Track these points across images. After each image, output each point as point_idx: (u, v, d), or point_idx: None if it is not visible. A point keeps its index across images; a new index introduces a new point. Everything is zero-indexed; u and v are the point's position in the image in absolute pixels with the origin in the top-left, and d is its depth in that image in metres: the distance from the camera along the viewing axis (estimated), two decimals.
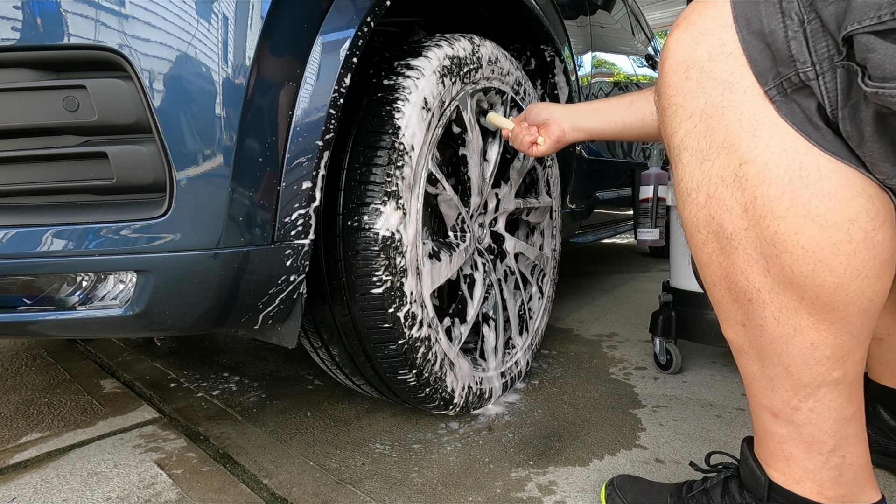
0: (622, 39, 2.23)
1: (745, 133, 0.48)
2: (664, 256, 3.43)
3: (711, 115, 0.50)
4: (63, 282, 0.64)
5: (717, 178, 0.51)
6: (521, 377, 1.21)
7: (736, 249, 0.52)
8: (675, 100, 0.53)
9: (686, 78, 0.51)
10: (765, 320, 0.53)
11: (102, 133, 0.61)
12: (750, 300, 0.53)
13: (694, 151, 0.52)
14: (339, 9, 0.71)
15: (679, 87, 0.52)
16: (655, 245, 1.35)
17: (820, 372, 0.52)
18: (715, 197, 0.51)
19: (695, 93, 0.51)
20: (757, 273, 0.51)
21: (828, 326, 0.50)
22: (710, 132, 0.50)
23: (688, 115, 0.52)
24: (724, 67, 0.48)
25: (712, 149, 0.50)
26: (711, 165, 0.51)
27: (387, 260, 0.79)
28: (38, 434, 1.00)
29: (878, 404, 0.83)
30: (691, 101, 0.51)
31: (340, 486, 0.82)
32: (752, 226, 0.50)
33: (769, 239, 0.49)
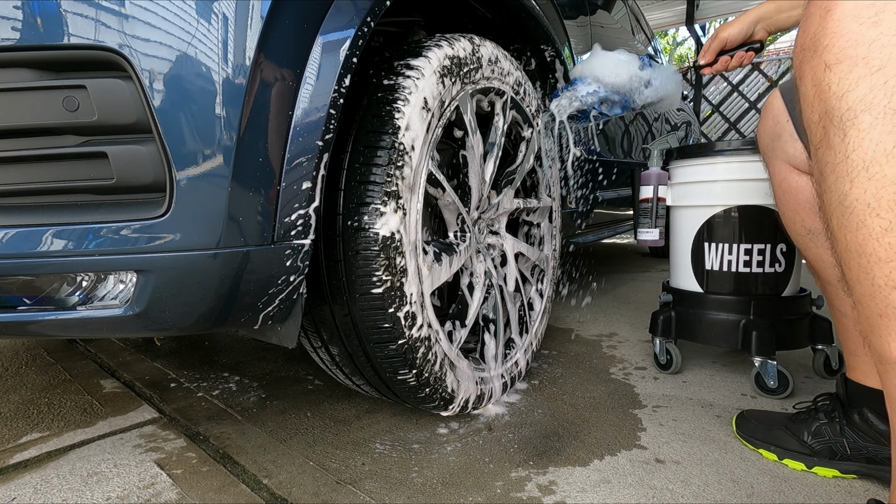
0: (622, 39, 2.23)
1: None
2: (664, 256, 3.43)
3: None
4: (63, 282, 0.64)
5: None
6: (521, 377, 1.21)
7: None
8: (853, 52, 0.44)
9: (875, 24, 0.43)
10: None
11: (102, 133, 0.61)
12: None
13: (882, 112, 0.43)
14: (339, 9, 0.71)
15: (862, 36, 0.44)
16: (655, 245, 1.35)
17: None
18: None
19: (889, 40, 0.42)
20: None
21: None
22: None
23: (875, 69, 0.43)
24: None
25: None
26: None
27: (387, 260, 0.79)
28: (38, 434, 1.00)
29: (865, 408, 0.82)
30: (881, 50, 0.43)
31: (340, 486, 0.82)
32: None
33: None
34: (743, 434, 0.94)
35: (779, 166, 0.90)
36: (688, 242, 1.28)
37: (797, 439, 0.87)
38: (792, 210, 0.89)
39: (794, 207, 0.88)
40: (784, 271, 1.19)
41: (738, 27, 1.08)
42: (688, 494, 0.79)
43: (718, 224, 1.22)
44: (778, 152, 0.90)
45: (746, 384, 1.22)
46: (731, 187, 1.19)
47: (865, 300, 0.47)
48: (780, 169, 0.90)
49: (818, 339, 1.22)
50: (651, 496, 0.78)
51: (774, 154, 0.91)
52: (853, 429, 0.83)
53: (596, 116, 1.20)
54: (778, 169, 0.90)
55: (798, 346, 1.21)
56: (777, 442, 0.89)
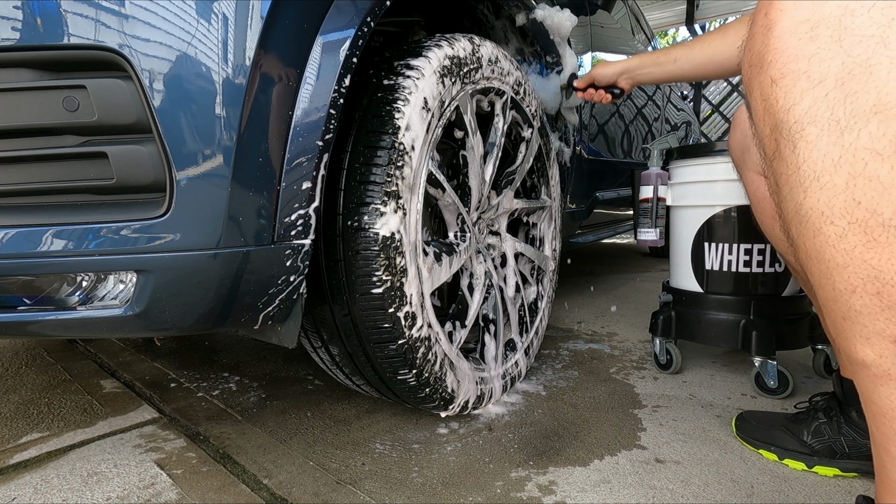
0: (622, 39, 2.23)
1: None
2: (664, 256, 3.43)
3: (854, 77, 0.42)
4: (63, 282, 0.64)
5: (866, 152, 0.42)
6: (521, 377, 1.21)
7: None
8: (795, 66, 0.45)
9: (812, 38, 0.44)
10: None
11: (102, 133, 0.61)
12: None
13: (826, 124, 0.43)
14: (339, 9, 0.71)
15: (801, 51, 0.44)
16: (655, 245, 1.35)
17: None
18: (863, 175, 0.42)
19: (826, 54, 0.43)
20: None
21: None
22: (851, 98, 0.42)
23: (816, 82, 0.44)
24: (867, 22, 0.41)
25: (857, 117, 0.42)
26: (856, 137, 0.42)
27: (387, 260, 0.79)
28: (38, 434, 1.00)
29: (861, 405, 0.82)
30: (819, 64, 0.43)
31: (340, 486, 0.82)
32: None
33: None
34: (743, 435, 0.94)
35: (751, 177, 0.93)
36: (688, 242, 1.28)
37: (797, 439, 0.87)
38: (769, 217, 0.91)
39: (770, 214, 0.91)
40: (784, 271, 1.19)
41: (608, 73, 1.27)
42: (688, 494, 0.79)
43: (718, 224, 1.22)
44: (749, 163, 0.92)
45: (746, 384, 1.22)
46: (731, 187, 1.19)
47: (829, 304, 0.48)
48: (753, 179, 0.92)
49: (818, 339, 1.22)
50: (651, 496, 0.78)
51: (746, 165, 0.94)
52: (852, 427, 0.83)
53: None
54: (751, 179, 0.93)
55: (798, 346, 1.21)
56: (777, 442, 0.89)
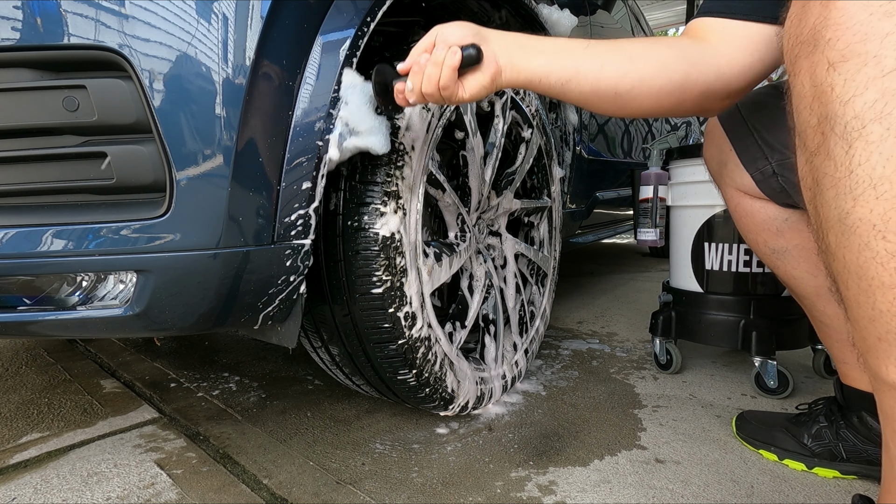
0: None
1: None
2: (664, 256, 3.43)
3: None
4: (63, 282, 0.64)
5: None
6: (521, 377, 1.21)
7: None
8: (862, 48, 0.37)
9: (889, 14, 0.36)
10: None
11: (102, 133, 0.60)
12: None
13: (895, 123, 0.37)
14: (339, 9, 0.71)
15: (873, 30, 0.37)
16: (655, 245, 1.35)
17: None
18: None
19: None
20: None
21: None
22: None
23: (888, 70, 0.37)
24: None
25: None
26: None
27: (387, 260, 0.79)
28: (38, 434, 1.00)
29: (863, 411, 0.82)
30: (895, 48, 0.36)
31: (340, 486, 0.82)
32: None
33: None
34: (743, 435, 0.94)
35: (730, 192, 0.88)
36: (688, 242, 1.28)
37: (797, 441, 0.87)
38: (753, 232, 0.87)
39: (753, 230, 0.86)
40: None
41: (463, 30, 0.62)
42: (688, 494, 0.79)
43: (718, 224, 1.22)
44: (727, 179, 0.87)
45: (746, 384, 1.22)
46: None
47: (864, 322, 0.44)
48: (733, 195, 0.87)
49: (818, 340, 1.22)
50: (651, 496, 0.78)
51: (723, 181, 0.88)
52: (852, 432, 0.83)
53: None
54: (730, 195, 0.88)
55: (798, 346, 1.21)
56: (777, 443, 0.89)
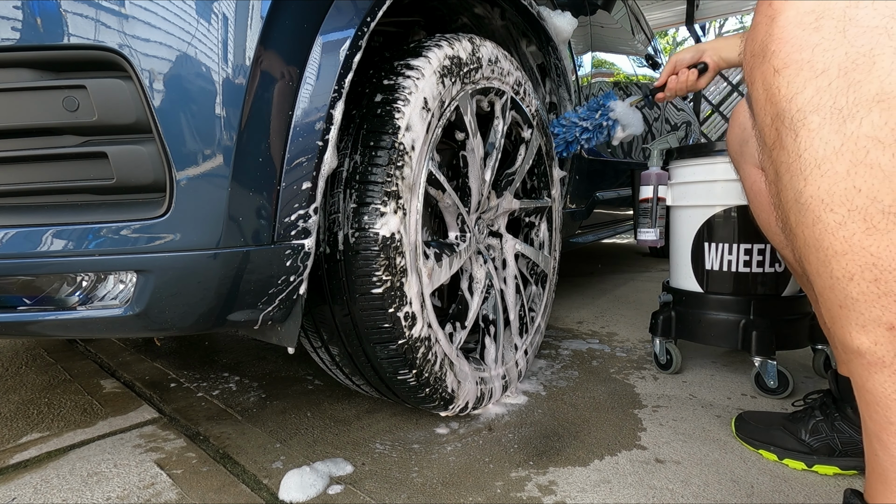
0: (622, 39, 2.23)
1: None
2: (664, 256, 3.43)
3: (857, 66, 0.43)
4: (63, 282, 0.64)
5: (868, 140, 0.43)
6: (521, 377, 1.21)
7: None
8: (798, 56, 0.46)
9: (816, 29, 0.45)
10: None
11: (102, 133, 0.61)
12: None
13: (829, 112, 0.44)
14: (339, 9, 0.71)
15: (805, 41, 0.45)
16: (655, 245, 1.36)
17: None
18: (864, 163, 0.43)
19: (829, 44, 0.44)
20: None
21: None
22: (854, 87, 0.43)
23: (819, 72, 0.45)
24: (872, 13, 0.42)
25: (859, 106, 0.43)
26: (858, 126, 0.43)
27: (387, 260, 0.79)
28: (38, 434, 1.00)
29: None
30: (823, 54, 0.44)
31: (340, 485, 0.82)
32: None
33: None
34: (742, 435, 0.94)
35: (748, 170, 0.94)
36: (688, 242, 1.28)
37: (795, 438, 0.87)
38: (766, 211, 0.92)
39: (766, 209, 0.92)
40: (784, 271, 1.19)
41: (689, 52, 1.21)
42: (688, 494, 0.79)
43: (718, 224, 1.22)
44: (747, 157, 0.94)
45: (746, 384, 1.22)
46: (731, 187, 1.19)
47: (826, 292, 0.49)
48: (750, 172, 0.94)
49: (818, 339, 1.22)
50: (651, 496, 0.78)
51: (743, 159, 0.95)
52: (847, 423, 0.84)
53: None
54: (748, 172, 0.94)
55: (798, 346, 1.21)
56: (776, 442, 0.89)
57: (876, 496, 0.52)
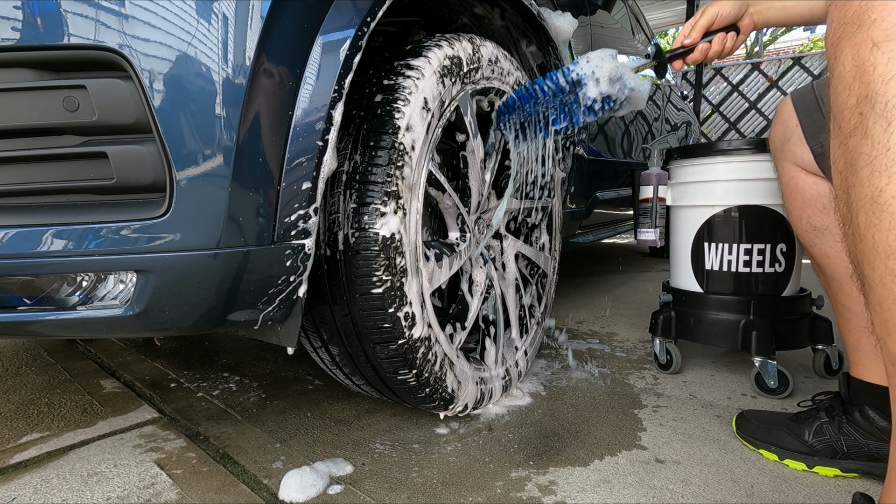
0: (622, 39, 2.23)
1: None
2: (664, 256, 3.43)
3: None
4: (63, 282, 0.64)
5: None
6: (521, 377, 1.21)
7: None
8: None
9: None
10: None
11: (102, 133, 0.61)
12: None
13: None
14: (339, 9, 0.71)
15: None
16: (655, 245, 1.35)
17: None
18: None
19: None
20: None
21: None
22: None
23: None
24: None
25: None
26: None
27: (387, 260, 0.79)
28: (38, 434, 1.00)
29: (866, 405, 0.82)
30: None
31: (340, 485, 0.82)
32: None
33: None
34: (743, 435, 0.94)
35: (787, 167, 0.94)
36: (688, 242, 1.28)
37: (798, 439, 0.87)
38: (799, 207, 0.92)
39: (800, 205, 0.92)
40: (784, 271, 1.19)
41: (731, 7, 0.92)
42: (688, 494, 0.79)
43: (718, 224, 1.22)
44: (787, 154, 0.93)
45: (746, 384, 1.22)
46: (732, 187, 1.19)
47: (888, 303, 0.44)
48: (789, 169, 0.94)
49: (818, 339, 1.22)
50: (651, 496, 0.78)
51: (783, 156, 0.95)
52: (854, 426, 0.83)
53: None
54: (786, 169, 0.94)
55: (798, 346, 1.21)
56: (778, 442, 0.89)
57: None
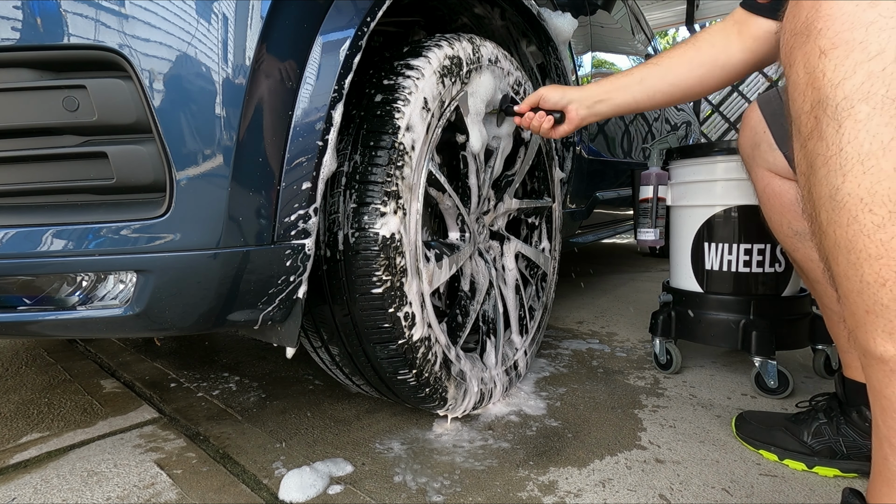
0: (622, 39, 2.23)
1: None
2: (664, 256, 3.43)
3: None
4: (63, 282, 0.64)
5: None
6: (521, 378, 1.21)
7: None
8: (849, 36, 0.41)
9: (872, 5, 0.40)
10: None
11: (102, 133, 0.60)
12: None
13: (880, 102, 0.40)
14: (339, 9, 0.71)
15: (859, 19, 0.40)
16: (655, 245, 1.35)
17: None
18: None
19: (888, 22, 0.39)
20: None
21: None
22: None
23: (873, 54, 0.40)
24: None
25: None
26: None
27: (387, 260, 0.79)
28: (38, 434, 1.00)
29: (862, 405, 0.82)
30: (879, 34, 0.40)
31: (340, 485, 0.82)
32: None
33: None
34: (743, 435, 0.94)
35: (761, 173, 0.92)
36: (688, 242, 1.28)
37: (797, 440, 0.87)
38: (778, 213, 0.90)
39: (779, 210, 0.90)
40: (784, 271, 1.19)
41: (555, 97, 0.97)
42: (688, 494, 0.79)
43: (718, 224, 1.22)
44: (758, 160, 0.92)
45: (746, 384, 1.22)
46: (732, 187, 1.19)
47: (853, 296, 0.46)
48: (763, 175, 0.92)
49: (818, 339, 1.22)
50: (651, 496, 0.78)
51: (755, 162, 0.93)
52: (852, 427, 0.83)
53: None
54: (760, 175, 0.92)
55: (798, 346, 1.21)
56: (777, 443, 0.89)
57: (881, 497, 0.52)
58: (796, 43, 0.46)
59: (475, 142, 0.99)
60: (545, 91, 0.98)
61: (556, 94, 0.97)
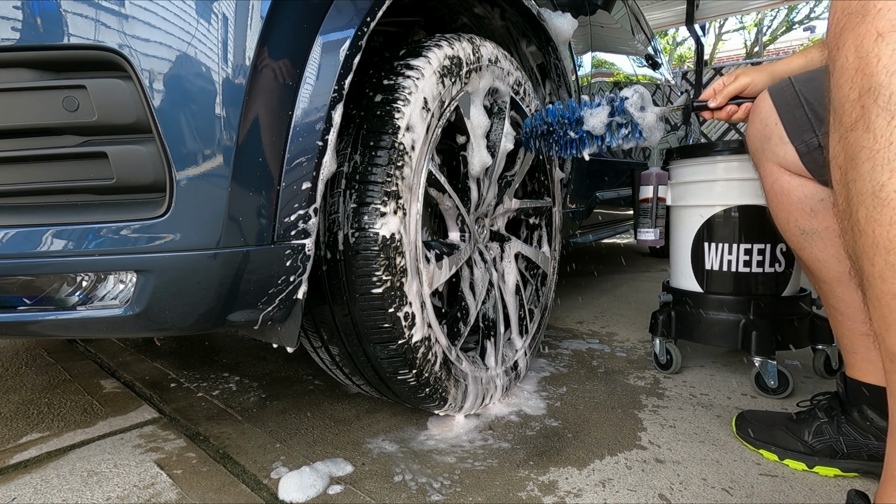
0: (622, 39, 2.23)
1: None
2: (664, 256, 3.43)
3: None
4: (63, 282, 0.64)
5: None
6: (521, 378, 1.21)
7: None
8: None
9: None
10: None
11: (102, 133, 0.61)
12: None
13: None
14: (339, 9, 0.71)
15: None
16: (655, 245, 1.35)
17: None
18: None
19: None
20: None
21: None
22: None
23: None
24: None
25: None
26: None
27: (387, 260, 0.79)
28: (38, 434, 1.00)
29: (864, 405, 0.82)
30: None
31: (340, 485, 0.82)
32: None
33: None
34: (743, 435, 0.94)
35: (769, 168, 0.88)
36: (688, 242, 1.28)
37: (798, 439, 0.87)
38: (785, 210, 0.87)
39: (787, 208, 0.87)
40: (784, 271, 1.19)
41: (766, 78, 0.93)
42: (688, 494, 0.79)
43: (718, 224, 1.22)
44: (768, 154, 0.87)
45: (746, 384, 1.22)
46: (732, 187, 1.19)
47: (887, 299, 0.44)
48: (772, 170, 0.88)
49: (818, 339, 1.22)
50: (651, 496, 0.78)
51: (764, 156, 0.88)
52: (853, 426, 0.83)
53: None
54: (769, 171, 0.88)
55: (798, 346, 1.21)
56: (777, 442, 0.89)
57: (892, 499, 0.51)
58: (849, 23, 0.42)
59: (477, 161, 0.99)
60: (746, 78, 0.94)
61: (761, 77, 0.92)
